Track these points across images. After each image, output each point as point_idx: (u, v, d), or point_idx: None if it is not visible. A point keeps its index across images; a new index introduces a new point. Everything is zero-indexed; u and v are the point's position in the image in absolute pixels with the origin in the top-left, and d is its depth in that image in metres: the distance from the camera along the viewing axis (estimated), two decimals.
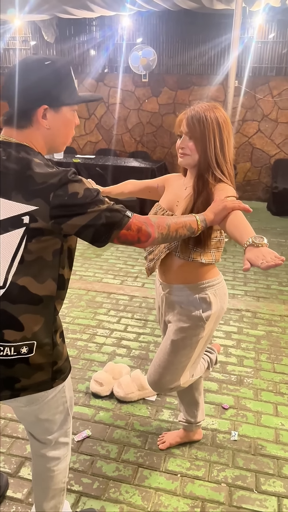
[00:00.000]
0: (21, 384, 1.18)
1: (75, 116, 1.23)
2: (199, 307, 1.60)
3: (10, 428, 2.11)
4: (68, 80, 1.17)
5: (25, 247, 1.10)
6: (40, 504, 1.46)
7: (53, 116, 1.16)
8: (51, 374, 1.22)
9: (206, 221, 1.36)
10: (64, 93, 1.16)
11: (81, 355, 2.74)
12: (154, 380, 1.71)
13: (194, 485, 1.84)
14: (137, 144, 7.35)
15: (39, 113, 1.14)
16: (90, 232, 1.12)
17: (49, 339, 1.19)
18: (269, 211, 6.37)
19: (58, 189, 1.08)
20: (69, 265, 1.22)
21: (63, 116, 1.18)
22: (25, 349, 1.15)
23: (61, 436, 1.39)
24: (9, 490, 1.78)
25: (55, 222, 1.09)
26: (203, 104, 1.47)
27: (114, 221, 1.14)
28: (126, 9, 5.70)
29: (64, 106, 1.17)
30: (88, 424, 2.16)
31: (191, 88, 6.80)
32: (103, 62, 7.06)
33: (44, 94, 1.13)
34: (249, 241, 1.14)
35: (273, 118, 6.61)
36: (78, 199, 1.09)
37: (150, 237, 1.21)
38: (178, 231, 1.29)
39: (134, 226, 1.18)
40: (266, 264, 1.04)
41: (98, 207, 1.11)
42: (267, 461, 1.97)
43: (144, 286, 3.83)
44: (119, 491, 1.80)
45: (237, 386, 2.48)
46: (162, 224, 1.25)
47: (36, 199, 1.08)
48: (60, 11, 5.84)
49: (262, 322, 3.22)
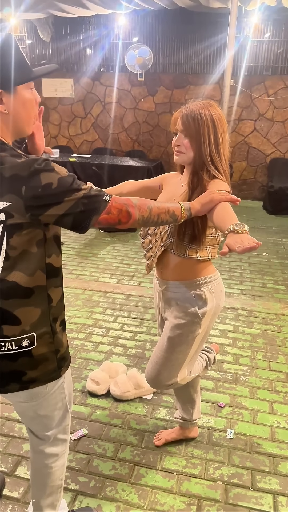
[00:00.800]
0: (29, 376, 1.19)
1: (34, 93, 1.15)
2: (194, 303, 1.61)
3: (7, 427, 2.11)
4: (18, 58, 1.10)
5: (7, 243, 1.08)
6: (37, 501, 1.47)
7: (9, 99, 1.09)
8: (57, 362, 1.24)
9: (191, 210, 1.35)
10: (15, 72, 1.08)
11: (78, 354, 2.74)
12: (152, 376, 1.72)
13: (190, 483, 1.85)
14: (133, 143, 7.35)
15: None
16: (69, 220, 1.10)
17: (47, 327, 1.20)
18: (265, 210, 6.39)
19: (30, 181, 1.04)
20: (56, 252, 1.20)
21: (19, 97, 1.11)
22: (26, 342, 1.16)
23: (60, 433, 1.39)
24: (5, 489, 1.78)
25: (32, 215, 1.06)
26: (198, 102, 1.48)
27: (92, 208, 1.11)
28: (122, 8, 5.70)
29: (18, 85, 1.10)
30: (84, 422, 2.16)
31: (187, 87, 6.81)
32: (99, 61, 7.05)
33: None
34: (230, 228, 1.15)
35: (269, 117, 6.63)
36: (52, 190, 1.05)
37: (130, 218, 1.19)
38: (160, 215, 1.27)
39: (114, 209, 1.16)
40: (242, 247, 1.05)
41: (75, 195, 1.08)
42: (263, 458, 1.98)
43: (141, 285, 3.83)
44: (115, 490, 1.80)
45: (233, 384, 2.49)
46: (143, 207, 1.22)
47: (8, 194, 1.05)
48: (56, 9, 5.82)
49: (258, 321, 3.23)
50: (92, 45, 7.03)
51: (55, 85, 7.33)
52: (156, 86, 6.95)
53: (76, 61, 7.19)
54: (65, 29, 7.04)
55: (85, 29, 7.00)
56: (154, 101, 7.03)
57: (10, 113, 1.11)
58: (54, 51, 7.22)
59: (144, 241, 1.70)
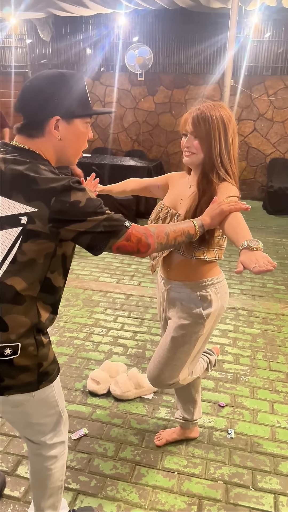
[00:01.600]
0: (5, 384, 1.17)
1: (88, 129, 1.24)
2: (199, 304, 1.61)
3: (7, 427, 2.10)
4: (81, 93, 1.19)
5: (19, 247, 1.10)
6: (38, 502, 1.47)
7: (65, 128, 1.18)
8: (37, 376, 1.21)
9: (204, 226, 1.37)
10: (77, 105, 1.18)
11: (78, 353, 2.74)
12: (154, 375, 1.72)
13: (191, 482, 1.85)
14: (133, 143, 7.35)
15: (51, 124, 1.16)
16: (87, 239, 1.14)
17: (32, 339, 1.17)
18: (265, 210, 6.40)
19: (60, 195, 1.09)
20: (62, 272, 1.21)
21: (75, 128, 1.19)
22: (8, 351, 1.13)
23: (55, 437, 1.38)
24: (6, 488, 1.78)
25: (53, 226, 1.10)
26: (208, 103, 1.48)
27: (112, 230, 1.15)
28: (123, 7, 5.70)
29: (76, 118, 1.19)
30: (85, 422, 2.16)
31: (187, 87, 6.81)
32: (99, 61, 7.05)
33: (57, 106, 1.15)
34: (244, 244, 1.15)
35: (268, 118, 6.63)
36: (79, 207, 1.10)
37: (149, 248, 1.24)
38: (176, 239, 1.31)
39: (134, 238, 1.20)
40: (258, 268, 1.06)
41: (98, 216, 1.13)
42: (263, 458, 1.98)
43: (141, 284, 3.83)
44: (116, 489, 1.80)
45: (234, 384, 2.49)
46: (161, 234, 1.27)
47: (37, 201, 1.09)
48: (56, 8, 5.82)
49: (258, 321, 3.24)
50: (92, 44, 7.03)
51: None
52: (156, 86, 6.95)
53: (76, 61, 7.19)
54: (65, 29, 7.04)
55: (85, 28, 7.00)
56: (154, 101, 7.04)
57: (62, 141, 1.19)
58: (54, 50, 7.22)
59: None
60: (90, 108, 1.23)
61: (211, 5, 5.32)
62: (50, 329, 1.27)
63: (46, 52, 7.30)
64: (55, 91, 1.15)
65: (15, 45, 7.41)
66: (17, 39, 7.38)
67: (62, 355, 2.70)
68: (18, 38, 7.37)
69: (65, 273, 1.24)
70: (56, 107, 1.15)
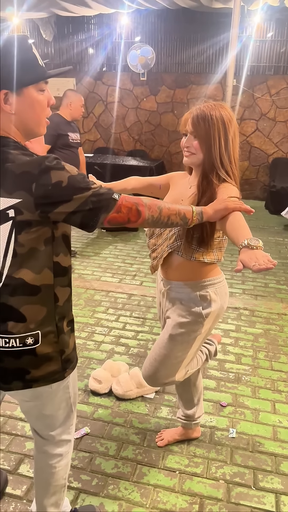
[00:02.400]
0: (32, 375, 1.19)
1: (46, 95, 1.14)
2: (199, 304, 1.60)
3: (9, 426, 2.11)
4: (27, 58, 1.09)
5: (15, 240, 1.09)
6: (41, 500, 1.47)
7: (16, 100, 1.08)
8: (61, 364, 1.23)
9: (203, 215, 1.34)
10: (24, 73, 1.07)
11: (80, 353, 2.74)
12: (149, 373, 1.71)
13: (193, 482, 1.85)
14: (135, 142, 7.35)
15: (0, 99, 1.07)
16: (78, 218, 1.10)
17: (52, 327, 1.19)
18: (267, 210, 6.39)
19: (40, 178, 1.04)
20: (65, 251, 1.20)
21: (27, 98, 1.10)
22: (30, 340, 1.15)
23: (64, 433, 1.39)
24: (8, 487, 1.79)
25: (41, 212, 1.07)
26: (209, 103, 1.47)
27: (101, 206, 1.12)
28: (125, 7, 5.70)
29: (25, 87, 1.09)
30: (87, 421, 2.17)
31: (189, 86, 6.80)
32: (101, 61, 7.06)
33: (2, 78, 1.06)
34: (244, 243, 1.15)
35: (271, 117, 6.62)
36: (62, 188, 1.05)
37: (140, 216, 1.19)
38: (170, 217, 1.26)
39: (124, 208, 1.16)
40: (258, 267, 1.05)
41: (84, 193, 1.08)
42: (265, 458, 1.98)
43: (143, 284, 3.83)
44: (118, 488, 1.81)
45: (235, 383, 2.49)
46: (154, 207, 1.22)
47: (18, 191, 1.05)
48: (58, 8, 5.83)
49: (260, 320, 3.23)
50: (95, 44, 7.04)
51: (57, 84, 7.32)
52: (158, 86, 6.95)
53: (78, 61, 7.19)
54: (67, 29, 7.05)
55: (88, 28, 7.00)
56: (156, 101, 7.04)
57: (17, 114, 1.11)
58: (57, 50, 7.22)
59: (150, 241, 1.70)
60: (39, 72, 1.11)
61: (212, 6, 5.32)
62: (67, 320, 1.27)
63: (48, 52, 7.31)
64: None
65: None
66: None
67: None
68: None
69: (69, 251, 1.22)
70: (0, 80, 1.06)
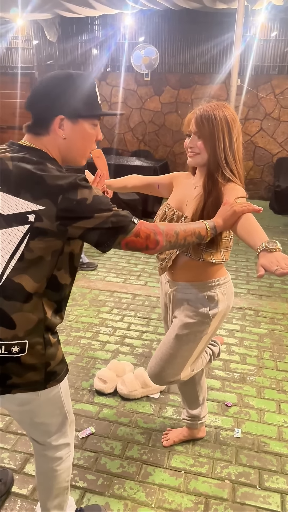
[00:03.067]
0: (12, 381, 1.17)
1: (97, 130, 1.23)
2: (206, 304, 1.61)
3: (15, 425, 2.12)
4: (88, 94, 1.19)
5: (26, 244, 1.10)
6: (44, 502, 1.47)
7: (70, 127, 1.18)
8: (44, 375, 1.21)
9: (216, 228, 1.36)
10: (83, 105, 1.18)
11: (85, 353, 2.75)
12: (155, 372, 1.72)
13: (198, 481, 1.85)
14: (139, 143, 7.36)
15: (56, 123, 1.16)
16: (95, 236, 1.14)
17: (40, 338, 1.17)
18: (272, 210, 6.37)
19: (67, 193, 1.09)
20: (68, 270, 1.21)
21: (80, 128, 1.19)
22: (16, 348, 1.14)
23: (61, 438, 1.38)
24: (14, 486, 1.80)
25: (60, 224, 1.10)
26: (212, 103, 1.47)
27: (119, 226, 1.16)
28: (129, 7, 5.71)
29: (82, 118, 1.18)
30: (92, 421, 2.17)
31: (193, 87, 6.80)
32: (105, 61, 7.07)
33: (63, 105, 1.16)
34: (262, 246, 1.13)
35: (275, 117, 6.61)
36: (86, 205, 1.11)
37: (158, 245, 1.23)
38: (186, 238, 1.30)
39: (143, 234, 1.20)
40: (281, 271, 1.04)
41: (105, 213, 1.13)
42: (270, 458, 1.98)
43: (147, 284, 3.84)
44: (123, 488, 1.81)
45: (240, 384, 2.49)
46: (171, 232, 1.26)
47: (44, 199, 1.09)
48: (62, 9, 5.85)
49: (264, 320, 3.23)
50: (99, 45, 7.05)
51: None
52: (162, 86, 6.95)
53: (82, 62, 7.21)
54: (71, 30, 7.07)
55: (92, 29, 7.02)
56: (160, 101, 7.04)
57: (67, 140, 1.19)
58: (61, 51, 7.24)
59: None
60: (97, 109, 1.22)
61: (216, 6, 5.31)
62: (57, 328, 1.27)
63: (52, 53, 7.33)
64: (61, 90, 1.16)
65: (22, 46, 7.45)
66: (23, 40, 7.41)
67: (69, 354, 2.72)
68: (25, 39, 7.40)
69: (72, 271, 1.23)
70: (61, 106, 1.16)
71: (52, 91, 1.17)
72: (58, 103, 1.16)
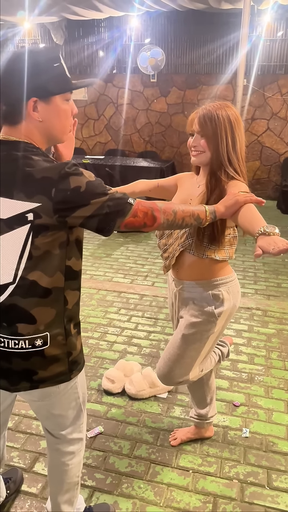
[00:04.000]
0: (39, 376, 1.21)
1: (71, 104, 1.19)
2: (212, 303, 1.61)
3: (24, 425, 2.14)
4: (57, 69, 1.13)
5: (32, 243, 1.11)
6: (55, 497, 1.49)
7: (44, 108, 1.13)
8: (68, 365, 1.25)
9: (216, 213, 1.35)
10: (53, 82, 1.12)
11: (93, 353, 2.77)
12: (164, 373, 1.73)
13: (206, 481, 1.85)
14: (146, 144, 7.37)
15: (29, 106, 1.12)
16: (95, 222, 1.13)
17: (61, 329, 1.21)
18: (279, 210, 6.35)
19: (59, 184, 1.08)
20: (77, 256, 1.22)
21: (54, 106, 1.15)
22: (39, 342, 1.18)
23: (75, 432, 1.41)
24: (23, 484, 1.82)
25: (59, 216, 1.10)
26: (214, 103, 1.49)
27: (117, 210, 1.15)
28: (135, 9, 5.72)
29: (54, 96, 1.13)
30: (100, 420, 2.19)
31: (199, 87, 6.80)
32: (111, 63, 7.09)
33: (32, 86, 1.10)
34: (260, 230, 1.14)
35: (282, 116, 6.58)
36: (80, 193, 1.09)
37: (155, 221, 1.22)
38: (184, 219, 1.29)
39: (140, 213, 1.19)
40: (277, 249, 1.05)
41: (101, 197, 1.12)
42: (278, 457, 1.97)
43: (154, 285, 3.84)
44: (131, 487, 1.82)
45: (248, 383, 2.48)
46: (168, 210, 1.25)
47: (38, 195, 1.09)
48: (69, 13, 5.88)
49: (272, 320, 3.22)
50: (105, 47, 7.08)
51: None
52: (168, 87, 6.96)
53: (89, 64, 7.24)
54: (78, 32, 7.10)
55: (98, 31, 7.05)
56: (167, 102, 7.05)
57: (44, 122, 1.15)
58: (67, 53, 7.28)
59: (160, 242, 1.71)
60: (68, 83, 1.16)
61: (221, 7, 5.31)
62: None
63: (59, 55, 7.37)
64: (28, 72, 1.09)
65: None
66: (30, 43, 7.47)
67: None
68: (32, 42, 7.46)
69: (80, 255, 1.24)
70: (31, 89, 1.10)
71: (18, 74, 1.09)
72: (27, 86, 1.09)
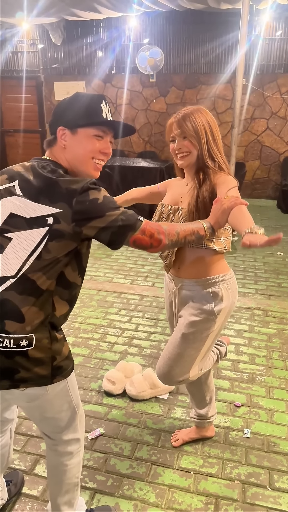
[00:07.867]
0: (21, 376, 1.22)
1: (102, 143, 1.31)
2: (211, 301, 1.62)
3: (25, 427, 2.13)
4: (90, 107, 1.29)
5: (45, 245, 1.19)
6: (54, 498, 1.49)
7: (69, 137, 1.29)
8: (51, 370, 1.26)
9: (213, 227, 1.44)
10: (82, 117, 1.28)
11: (93, 354, 2.76)
12: (164, 372, 1.73)
13: (208, 482, 1.85)
14: (145, 144, 7.36)
15: (59, 134, 1.30)
16: (108, 234, 1.22)
17: (46, 333, 1.24)
18: (279, 209, 6.34)
19: (80, 195, 1.20)
20: (73, 267, 1.27)
21: (78, 138, 1.29)
22: (24, 342, 1.19)
23: (70, 433, 1.42)
24: (24, 487, 1.81)
25: (76, 225, 1.19)
26: (188, 107, 1.60)
27: (129, 224, 1.24)
28: (133, 10, 5.72)
29: (79, 128, 1.28)
30: (101, 422, 2.18)
31: (198, 87, 6.80)
32: (110, 63, 7.09)
33: (64, 118, 1.30)
34: (247, 230, 1.21)
35: (281, 116, 6.58)
36: (98, 204, 1.21)
37: (160, 243, 1.31)
38: (186, 237, 1.39)
39: (148, 232, 1.28)
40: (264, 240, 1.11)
41: (115, 211, 1.23)
42: (280, 458, 1.97)
43: (154, 285, 3.84)
44: (133, 488, 1.81)
45: (249, 384, 2.48)
46: (172, 232, 1.34)
47: (60, 202, 1.20)
48: (67, 14, 5.88)
49: (273, 320, 3.21)
50: (103, 47, 7.07)
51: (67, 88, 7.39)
52: (167, 87, 6.96)
53: (87, 64, 7.24)
54: (76, 32, 7.10)
55: (96, 31, 7.04)
56: (166, 102, 7.04)
57: (67, 149, 1.31)
58: (66, 54, 7.28)
59: None
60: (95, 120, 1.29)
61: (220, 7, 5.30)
62: (66, 330, 1.30)
63: (57, 55, 7.37)
64: (66, 106, 1.32)
65: (28, 50, 7.50)
66: (29, 44, 7.46)
67: (77, 355, 2.73)
68: (31, 43, 7.45)
69: (80, 271, 1.31)
70: (62, 119, 1.30)
71: (59, 107, 1.33)
72: (62, 116, 1.31)
